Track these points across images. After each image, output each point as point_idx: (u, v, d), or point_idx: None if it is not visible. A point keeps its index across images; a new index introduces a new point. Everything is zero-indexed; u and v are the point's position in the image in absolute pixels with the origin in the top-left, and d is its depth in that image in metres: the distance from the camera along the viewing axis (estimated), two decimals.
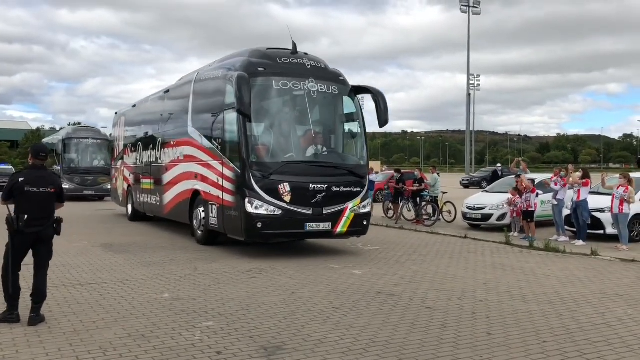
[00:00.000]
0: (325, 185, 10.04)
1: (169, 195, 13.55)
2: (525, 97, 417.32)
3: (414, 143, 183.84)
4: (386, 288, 7.78)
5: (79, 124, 27.51)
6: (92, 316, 6.17)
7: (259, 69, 10.21)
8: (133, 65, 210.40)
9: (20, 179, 5.88)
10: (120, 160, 18.71)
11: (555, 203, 13.11)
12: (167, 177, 13.73)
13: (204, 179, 11.40)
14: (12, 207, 5.87)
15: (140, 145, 16.27)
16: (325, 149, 10.78)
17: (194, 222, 11.96)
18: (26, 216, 5.76)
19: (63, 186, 6.48)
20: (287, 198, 9.79)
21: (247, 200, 9.72)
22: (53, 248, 6.15)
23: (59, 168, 26.12)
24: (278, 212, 9.75)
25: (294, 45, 10.76)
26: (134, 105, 17.91)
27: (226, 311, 6.45)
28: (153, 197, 14.90)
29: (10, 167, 44.72)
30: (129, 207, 17.35)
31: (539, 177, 15.60)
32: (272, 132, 10.47)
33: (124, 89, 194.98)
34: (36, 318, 5.80)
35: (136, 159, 16.63)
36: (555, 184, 13.10)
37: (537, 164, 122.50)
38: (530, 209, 12.95)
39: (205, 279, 8.25)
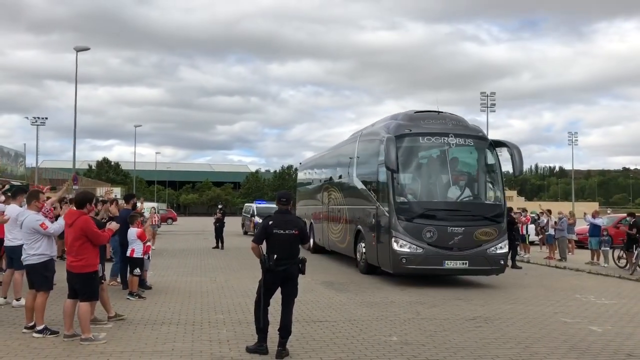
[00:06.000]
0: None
1: None
2: None
3: (638, 181, 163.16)
4: (637, 350, 6.87)
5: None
6: (329, 354, 6.45)
7: None
8: (334, 110, 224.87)
9: (270, 222, 6.50)
10: None
11: None
12: None
13: None
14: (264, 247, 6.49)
15: None
16: None
17: None
18: (275, 256, 6.32)
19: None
20: None
21: None
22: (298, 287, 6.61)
23: (385, 206, 12.08)
24: None
25: None
26: None
27: None
28: None
29: (274, 205, 46.73)
30: None
31: None
32: None
33: (327, 132, 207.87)
34: (282, 352, 6.25)
35: None
36: None
37: None
38: None
39: (430, 325, 8.14)
